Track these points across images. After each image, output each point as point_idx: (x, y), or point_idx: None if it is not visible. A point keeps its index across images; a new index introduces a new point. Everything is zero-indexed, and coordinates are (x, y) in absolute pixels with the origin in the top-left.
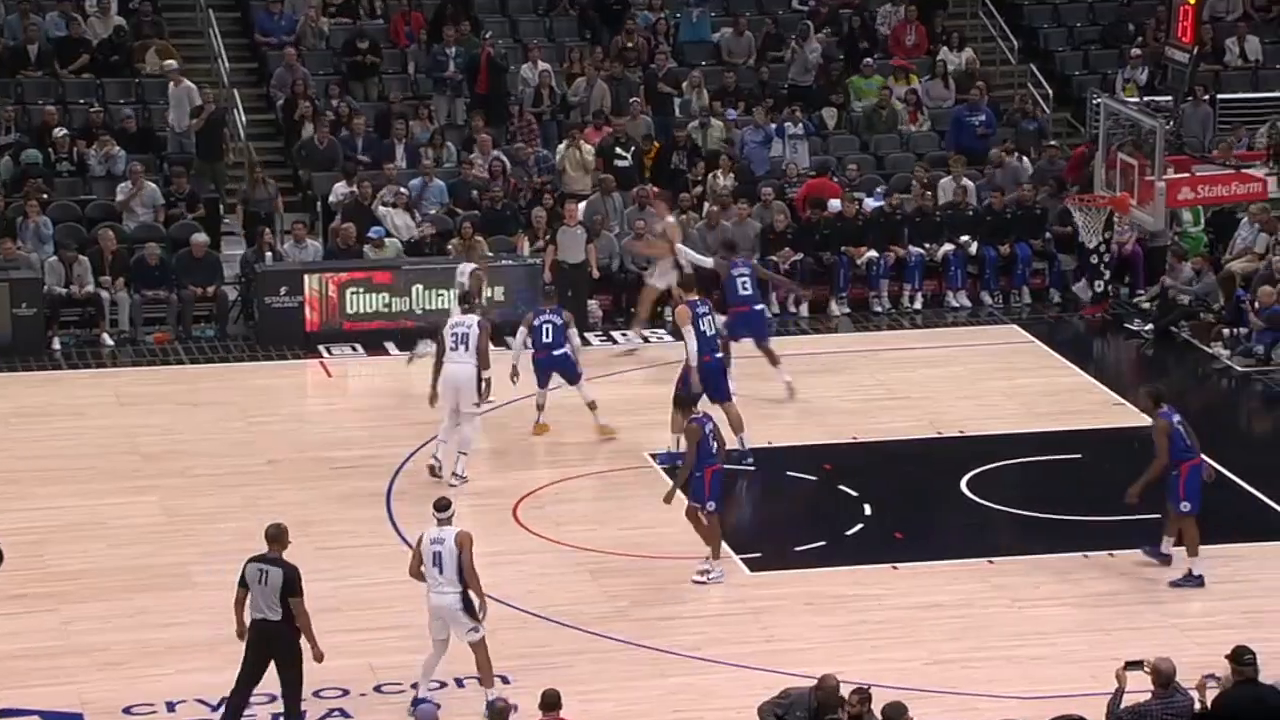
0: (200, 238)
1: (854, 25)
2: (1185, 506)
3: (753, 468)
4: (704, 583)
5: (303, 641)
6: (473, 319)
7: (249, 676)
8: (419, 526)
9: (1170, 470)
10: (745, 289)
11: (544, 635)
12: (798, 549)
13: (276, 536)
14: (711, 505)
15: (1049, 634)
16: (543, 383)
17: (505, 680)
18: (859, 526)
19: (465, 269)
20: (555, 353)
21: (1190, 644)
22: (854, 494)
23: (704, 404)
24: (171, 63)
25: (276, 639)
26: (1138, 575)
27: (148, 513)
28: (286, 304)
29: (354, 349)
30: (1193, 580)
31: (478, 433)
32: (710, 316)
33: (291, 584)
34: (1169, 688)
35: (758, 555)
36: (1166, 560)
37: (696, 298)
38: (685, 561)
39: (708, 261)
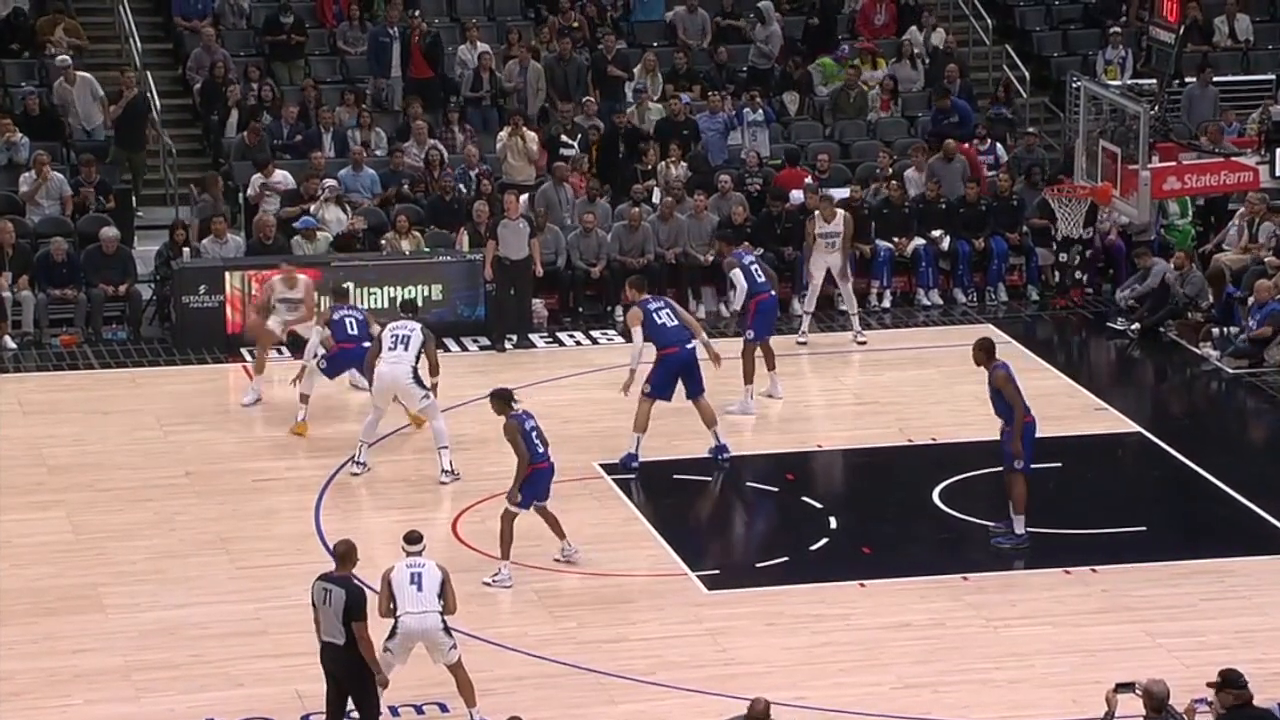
0: (110, 231)
1: (816, 3)
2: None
3: (727, 466)
4: (490, 584)
5: None
6: (416, 325)
7: (334, 705)
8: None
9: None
10: (760, 275)
11: (484, 659)
12: (758, 565)
13: (345, 555)
14: (518, 499)
15: (1027, 655)
16: (333, 374)
17: (443, 708)
18: (824, 541)
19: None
20: (363, 345)
21: (1178, 665)
22: (818, 506)
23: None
24: (65, 58)
25: (342, 663)
26: (1122, 593)
27: (54, 530)
28: (206, 304)
29: (279, 352)
30: (1013, 537)
31: (443, 421)
32: (669, 309)
33: (353, 608)
34: (1162, 712)
35: (715, 572)
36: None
37: (648, 296)
38: (638, 580)
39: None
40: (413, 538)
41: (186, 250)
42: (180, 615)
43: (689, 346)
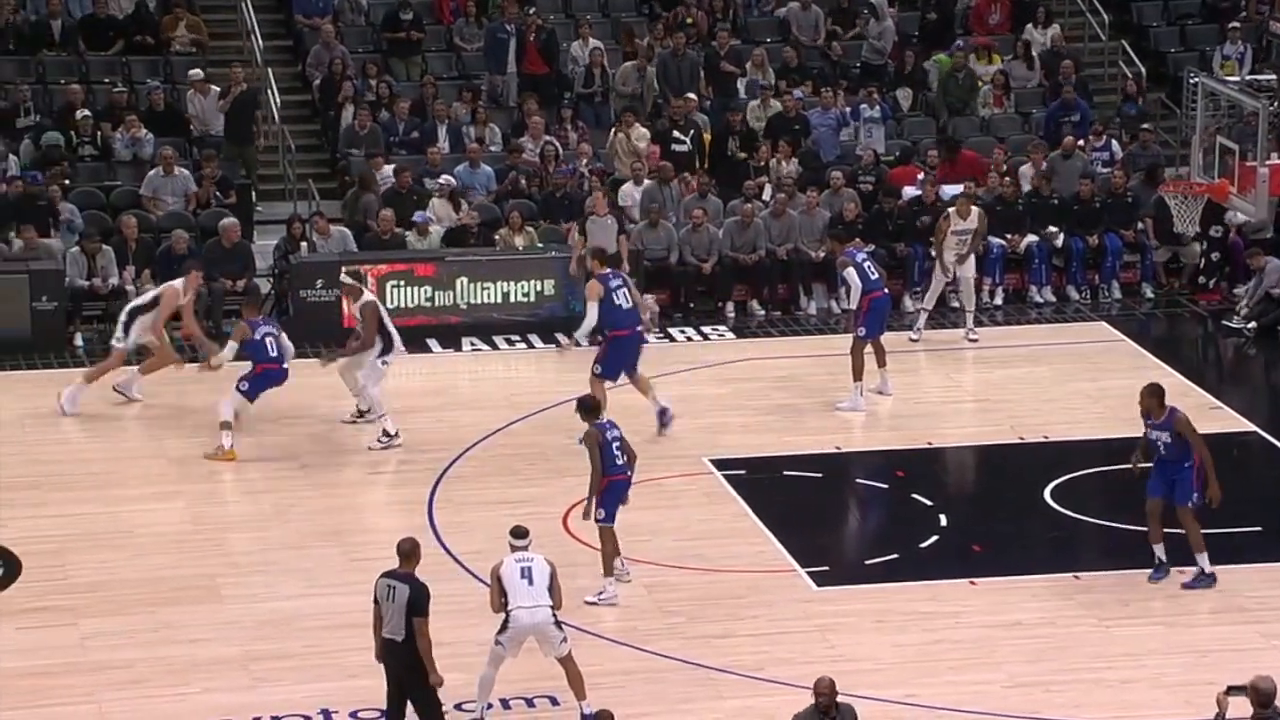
0: (230, 222)
1: (931, 0)
2: (1196, 498)
3: (670, 426)
4: (595, 603)
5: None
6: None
7: (395, 700)
8: (459, 535)
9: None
10: (873, 273)
11: (594, 654)
12: (868, 562)
13: (409, 553)
14: (601, 515)
15: (1138, 655)
16: (254, 396)
17: (554, 701)
18: (934, 538)
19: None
20: (285, 365)
21: None
22: (928, 503)
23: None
24: (197, 72)
25: (401, 659)
26: (1236, 593)
27: (174, 520)
28: (323, 298)
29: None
30: (1204, 579)
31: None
32: (626, 289)
33: (417, 603)
34: (1269, 708)
35: (825, 569)
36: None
37: (608, 271)
38: (747, 575)
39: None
40: (519, 532)
41: (304, 244)
42: (295, 606)
43: (639, 329)
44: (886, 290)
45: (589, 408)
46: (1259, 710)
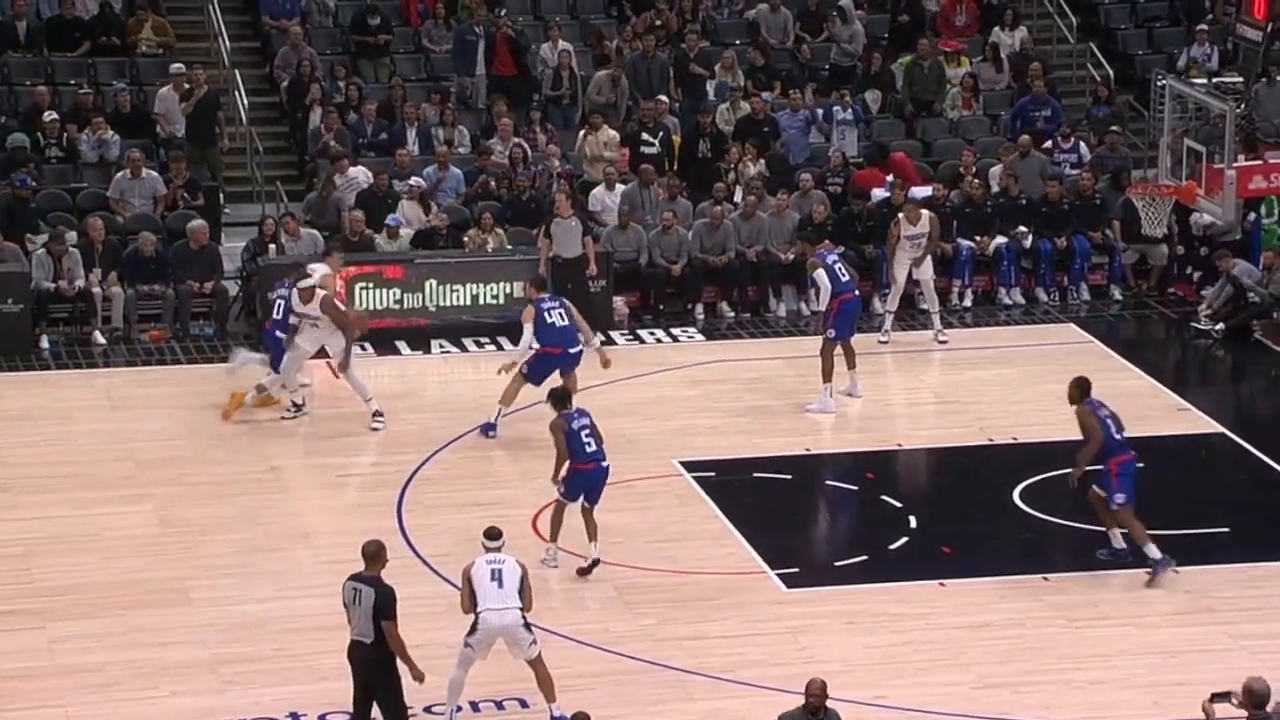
0: (198, 224)
1: (900, 2)
2: (1119, 499)
3: (493, 437)
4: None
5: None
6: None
7: (360, 701)
8: (429, 538)
9: (1100, 463)
10: (844, 275)
11: (564, 656)
12: (837, 564)
13: (374, 555)
14: (562, 489)
15: (1108, 656)
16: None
17: (524, 704)
18: (903, 540)
19: (317, 268)
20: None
21: (1261, 667)
22: (898, 505)
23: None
24: (179, 66)
25: (369, 662)
26: (1205, 593)
27: (142, 524)
28: None
29: (363, 348)
30: (1163, 564)
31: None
32: (562, 310)
33: (383, 607)
34: (1263, 709)
35: (794, 571)
36: (1125, 554)
37: (544, 295)
38: (717, 577)
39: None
40: (492, 534)
41: (272, 247)
42: (265, 609)
43: (572, 351)
44: (857, 293)
45: (558, 398)
46: (1254, 711)
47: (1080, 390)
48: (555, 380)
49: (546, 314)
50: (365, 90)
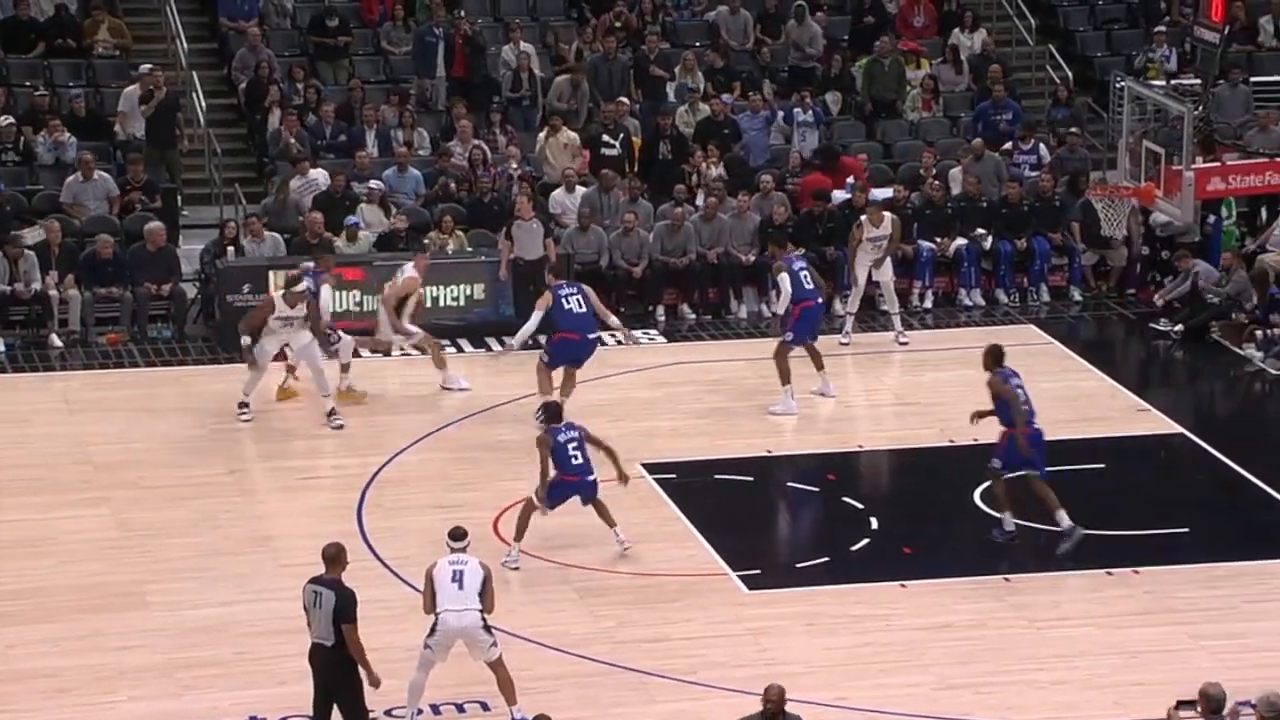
0: (156, 225)
1: (860, 2)
2: (995, 464)
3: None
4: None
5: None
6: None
7: (320, 704)
8: (389, 540)
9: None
10: (808, 282)
11: (525, 658)
12: (799, 565)
13: (334, 558)
14: (542, 495)
15: (1070, 657)
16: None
17: (485, 707)
18: (864, 541)
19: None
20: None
21: (1220, 667)
22: (859, 506)
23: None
24: (147, 67)
25: (330, 665)
26: (1165, 594)
27: (99, 527)
28: (250, 302)
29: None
30: (1072, 532)
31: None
32: (580, 296)
33: (344, 610)
34: (1219, 714)
35: (756, 572)
36: (1014, 537)
37: (561, 282)
38: (679, 579)
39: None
40: (457, 534)
41: (231, 249)
42: (224, 613)
43: (590, 336)
44: (821, 300)
45: (550, 412)
46: (1210, 717)
47: (993, 358)
48: (569, 366)
49: (564, 300)
50: (324, 92)
